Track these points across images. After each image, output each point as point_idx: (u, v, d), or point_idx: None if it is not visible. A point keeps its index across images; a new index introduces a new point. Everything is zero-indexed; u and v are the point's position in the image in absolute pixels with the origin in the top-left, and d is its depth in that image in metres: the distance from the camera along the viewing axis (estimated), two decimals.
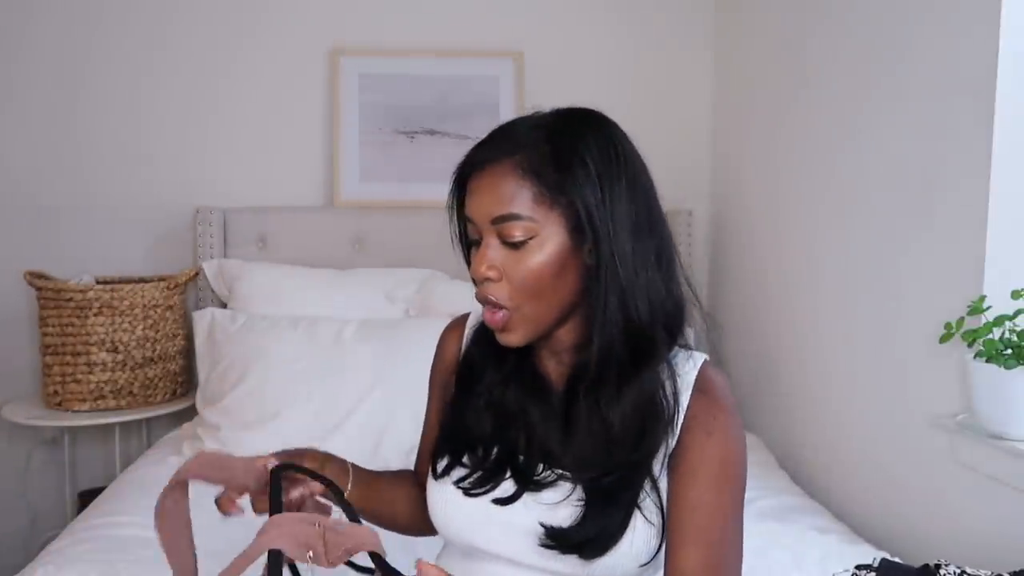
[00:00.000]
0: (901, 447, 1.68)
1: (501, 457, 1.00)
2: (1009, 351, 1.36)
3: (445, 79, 2.49)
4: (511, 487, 0.98)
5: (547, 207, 0.93)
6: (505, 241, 0.94)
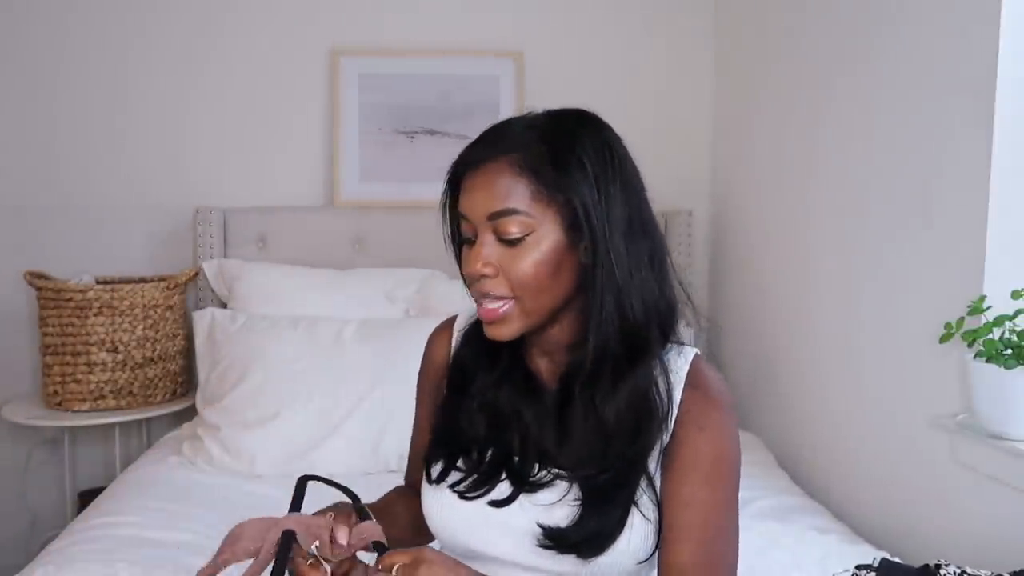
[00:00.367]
0: (901, 447, 1.68)
1: (496, 459, 1.00)
2: (1009, 351, 1.36)
3: (445, 79, 2.49)
4: (507, 489, 0.98)
5: (544, 204, 0.93)
6: (501, 238, 0.93)
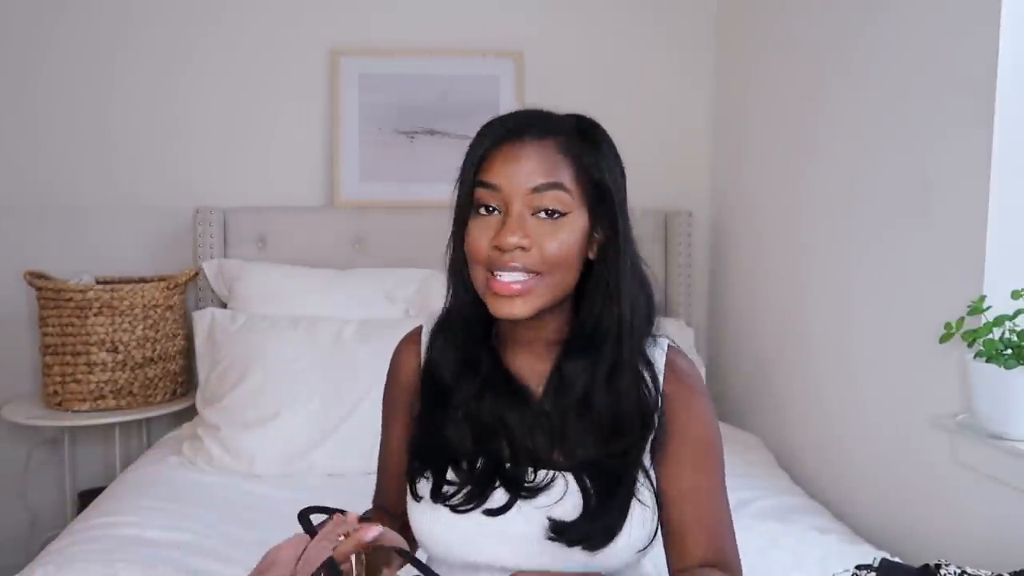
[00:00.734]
0: (901, 447, 1.68)
1: (487, 468, 0.98)
2: (1009, 351, 1.36)
3: (445, 79, 2.49)
4: (502, 496, 0.97)
5: (582, 190, 0.96)
6: (540, 212, 0.94)
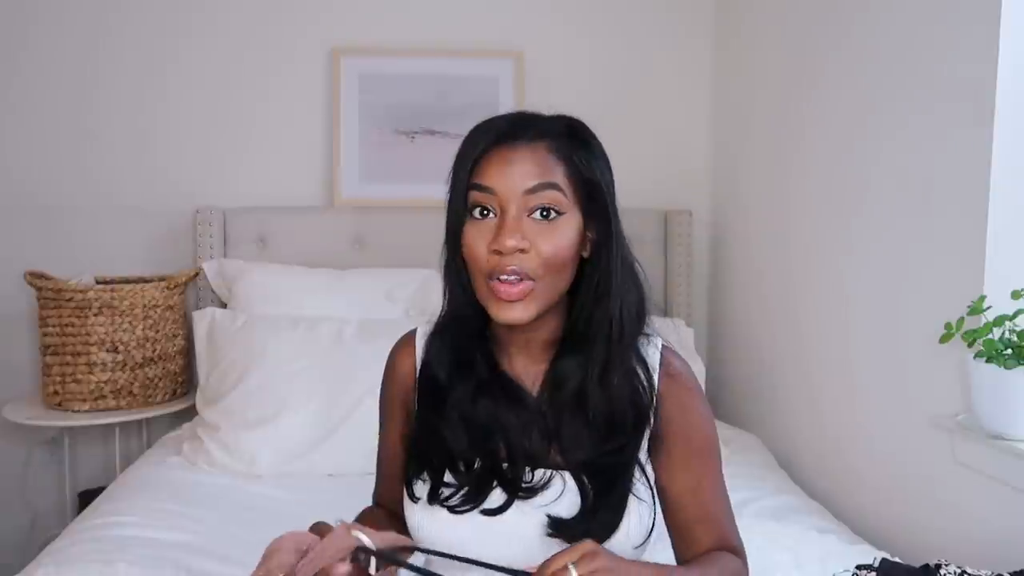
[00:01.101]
0: (901, 447, 1.68)
1: (485, 469, 0.99)
2: (1009, 351, 1.36)
3: (445, 79, 2.49)
4: (500, 497, 0.98)
5: (574, 190, 0.97)
6: (536, 213, 0.95)
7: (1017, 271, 1.43)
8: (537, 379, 1.03)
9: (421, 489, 1.01)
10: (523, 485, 0.97)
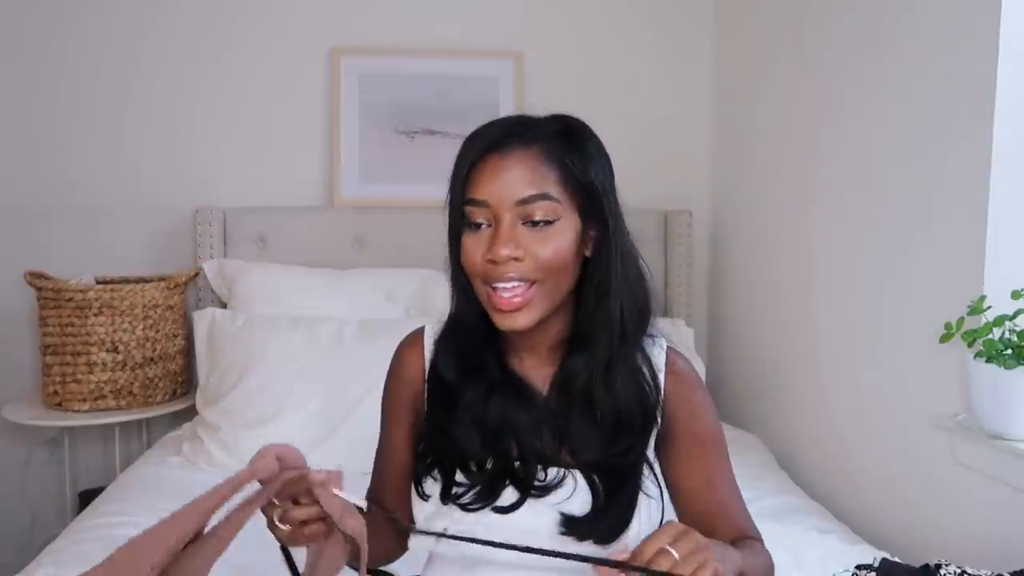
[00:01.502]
0: (901, 447, 1.69)
1: (497, 468, 0.99)
2: (1009, 351, 1.36)
3: (445, 79, 2.49)
4: (512, 495, 0.98)
5: (569, 194, 0.96)
6: (528, 222, 0.95)
7: (1017, 271, 1.43)
8: (547, 380, 1.03)
9: (431, 487, 1.01)
10: (536, 484, 0.98)
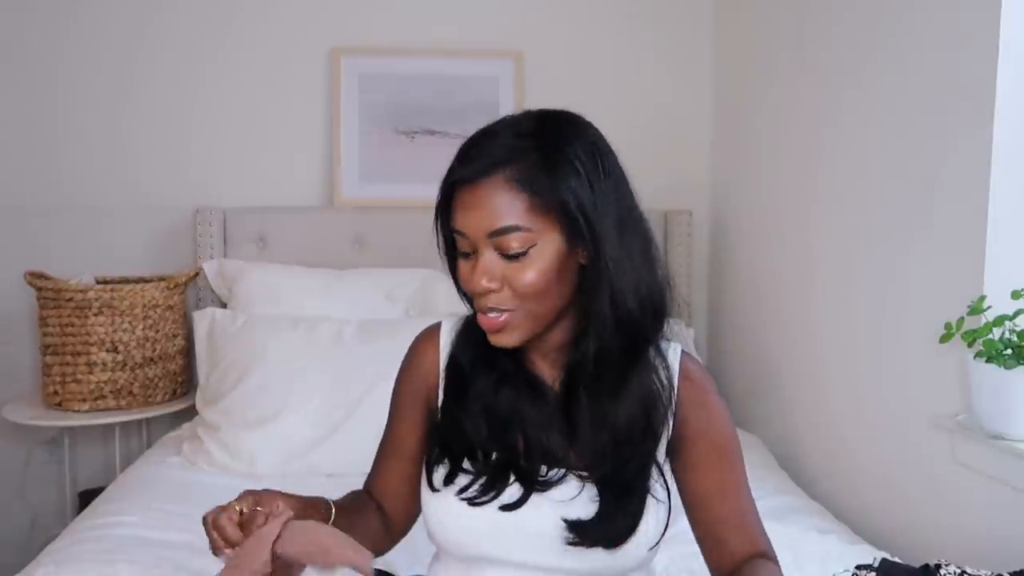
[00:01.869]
0: (901, 447, 1.68)
1: (501, 461, 1.00)
2: (1009, 351, 1.36)
3: (445, 79, 2.49)
4: (517, 491, 0.98)
5: (542, 215, 0.93)
6: (503, 253, 0.94)
7: (1017, 271, 1.43)
8: (556, 381, 1.04)
9: (440, 477, 1.02)
10: (539, 479, 0.98)
